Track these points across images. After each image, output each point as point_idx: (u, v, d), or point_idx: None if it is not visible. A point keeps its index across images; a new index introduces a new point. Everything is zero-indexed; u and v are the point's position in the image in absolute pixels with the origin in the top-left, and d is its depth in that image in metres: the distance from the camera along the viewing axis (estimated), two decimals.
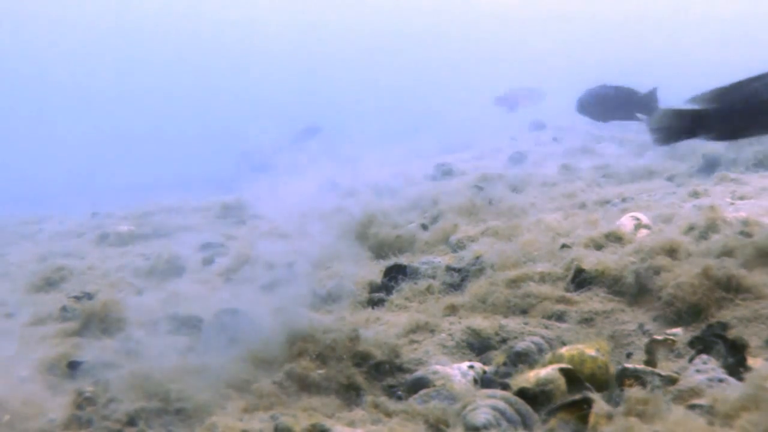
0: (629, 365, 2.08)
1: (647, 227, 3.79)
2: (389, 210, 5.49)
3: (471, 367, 2.24)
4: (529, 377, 1.99)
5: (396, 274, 3.52)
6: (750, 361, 2.04)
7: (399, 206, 5.88)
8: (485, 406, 1.85)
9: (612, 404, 1.85)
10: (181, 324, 3.11)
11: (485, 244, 3.76)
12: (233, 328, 2.64)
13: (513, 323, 2.69)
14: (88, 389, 2.21)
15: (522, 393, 1.94)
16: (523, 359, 2.28)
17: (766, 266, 2.71)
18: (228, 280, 4.32)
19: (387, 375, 2.40)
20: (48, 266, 5.03)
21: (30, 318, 3.76)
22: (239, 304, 2.85)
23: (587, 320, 2.70)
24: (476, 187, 6.37)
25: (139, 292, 4.32)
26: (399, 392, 2.27)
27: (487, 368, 2.30)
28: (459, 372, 2.21)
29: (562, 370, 1.99)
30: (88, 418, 2.10)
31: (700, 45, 30.84)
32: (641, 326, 2.59)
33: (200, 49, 38.54)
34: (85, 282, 4.67)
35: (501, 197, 5.60)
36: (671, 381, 1.99)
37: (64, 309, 3.79)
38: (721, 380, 1.92)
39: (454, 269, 3.44)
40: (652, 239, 3.25)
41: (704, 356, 2.07)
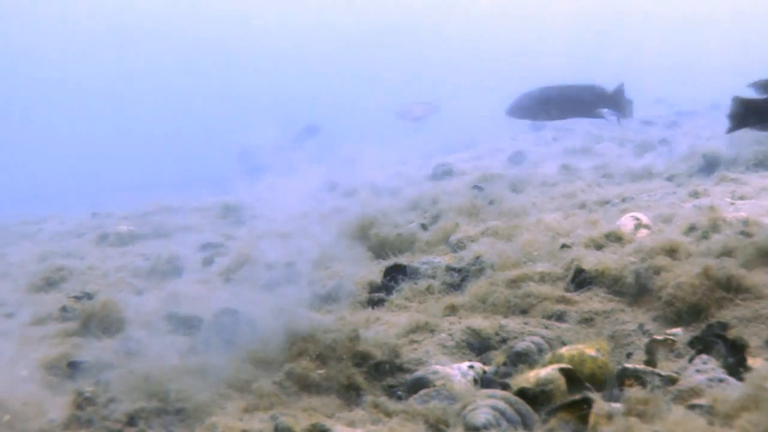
0: (629, 365, 2.08)
1: (647, 227, 3.79)
2: (389, 210, 5.49)
3: (471, 367, 2.24)
4: (529, 377, 1.99)
5: (396, 274, 3.51)
6: (750, 361, 2.04)
7: (399, 206, 5.89)
8: (485, 406, 1.85)
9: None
10: (181, 324, 3.11)
11: (485, 244, 3.75)
12: (233, 328, 2.63)
13: (513, 323, 2.69)
14: (88, 389, 2.21)
15: (522, 393, 1.94)
16: (523, 359, 2.28)
17: (766, 266, 2.72)
18: (228, 280, 4.32)
19: (387, 375, 2.40)
20: (48, 266, 5.02)
21: (30, 318, 3.75)
22: (239, 304, 2.84)
23: (587, 320, 2.70)
24: (476, 187, 6.37)
25: (139, 292, 4.32)
26: (399, 392, 2.27)
27: (487, 368, 2.30)
28: (459, 372, 2.21)
29: (562, 370, 1.99)
30: (88, 418, 2.10)
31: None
32: (641, 326, 2.59)
33: (200, 49, 38.61)
34: (85, 282, 4.67)
35: (501, 197, 5.60)
36: (671, 381, 1.99)
37: (64, 309, 3.79)
38: (721, 380, 1.92)
39: (454, 269, 3.44)
40: (652, 239, 3.25)
41: (704, 356, 2.07)
